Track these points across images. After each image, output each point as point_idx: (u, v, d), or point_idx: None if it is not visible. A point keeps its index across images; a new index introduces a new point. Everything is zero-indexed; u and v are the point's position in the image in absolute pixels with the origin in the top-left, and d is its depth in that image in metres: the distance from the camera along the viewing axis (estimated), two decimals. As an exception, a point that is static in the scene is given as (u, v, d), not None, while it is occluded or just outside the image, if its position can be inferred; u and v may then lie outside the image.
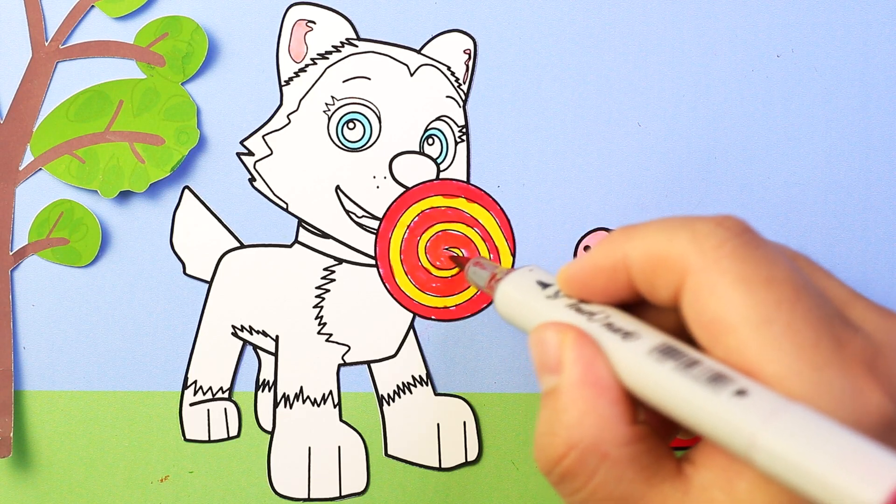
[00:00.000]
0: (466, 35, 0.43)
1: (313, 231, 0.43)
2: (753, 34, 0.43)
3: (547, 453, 0.30)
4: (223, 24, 0.43)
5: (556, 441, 0.29)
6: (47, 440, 0.43)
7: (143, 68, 0.42)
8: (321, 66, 0.43)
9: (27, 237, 0.42)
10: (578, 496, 0.29)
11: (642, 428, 0.29)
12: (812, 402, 0.25)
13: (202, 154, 0.43)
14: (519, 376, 0.43)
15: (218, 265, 0.43)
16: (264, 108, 0.43)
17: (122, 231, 0.43)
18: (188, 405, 0.43)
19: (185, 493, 0.43)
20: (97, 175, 0.42)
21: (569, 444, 0.29)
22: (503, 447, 0.44)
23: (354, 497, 0.43)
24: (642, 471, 0.28)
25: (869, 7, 0.43)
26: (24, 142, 0.42)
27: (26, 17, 0.42)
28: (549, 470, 0.30)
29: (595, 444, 0.29)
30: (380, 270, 0.43)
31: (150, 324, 0.43)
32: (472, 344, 0.43)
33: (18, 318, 0.43)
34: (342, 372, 0.43)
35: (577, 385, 0.29)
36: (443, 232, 0.43)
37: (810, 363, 0.26)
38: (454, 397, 0.43)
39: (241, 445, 0.43)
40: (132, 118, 0.42)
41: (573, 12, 0.43)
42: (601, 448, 0.29)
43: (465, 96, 0.43)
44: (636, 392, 0.28)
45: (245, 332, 0.43)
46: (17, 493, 0.43)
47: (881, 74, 0.43)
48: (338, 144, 0.43)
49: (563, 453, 0.29)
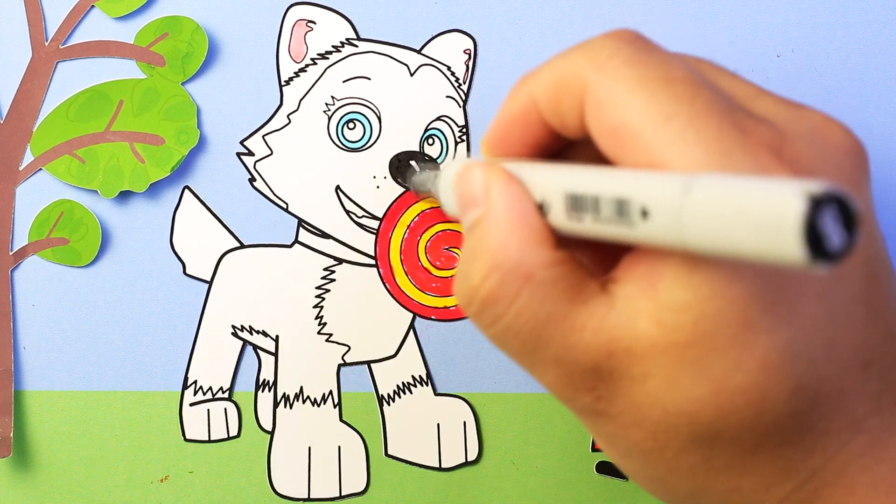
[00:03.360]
0: (466, 35, 0.43)
1: (313, 231, 0.43)
2: (753, 34, 0.43)
3: (468, 280, 0.29)
4: (223, 24, 0.43)
5: (477, 265, 0.29)
6: (47, 440, 0.43)
7: (143, 68, 0.42)
8: (321, 66, 0.43)
9: (27, 237, 0.42)
10: (501, 323, 0.29)
11: (564, 252, 0.29)
12: None
13: (202, 154, 0.43)
14: (519, 376, 0.43)
15: (218, 265, 0.43)
16: (264, 108, 0.43)
17: (122, 231, 0.43)
18: (188, 405, 0.43)
19: (185, 493, 0.43)
20: (97, 175, 0.42)
21: (491, 267, 0.29)
22: (503, 447, 0.44)
23: (354, 497, 0.43)
24: (566, 291, 0.28)
25: (869, 7, 0.43)
26: (24, 142, 0.42)
27: (26, 17, 0.42)
28: (471, 298, 0.29)
29: (518, 265, 0.28)
30: (380, 270, 0.43)
31: (150, 324, 0.43)
32: (472, 344, 0.43)
33: (18, 318, 0.43)
34: (342, 372, 0.43)
35: (502, 211, 0.29)
36: (443, 232, 0.43)
37: (716, 151, 0.26)
38: (454, 397, 0.43)
39: (241, 445, 0.43)
40: (132, 118, 0.42)
41: (573, 12, 0.43)
42: (524, 269, 0.28)
43: (465, 96, 0.43)
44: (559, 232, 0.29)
45: (245, 332, 0.43)
46: (17, 493, 0.43)
47: (881, 74, 0.43)
48: (338, 144, 0.43)
49: (485, 275, 0.29)
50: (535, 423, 0.43)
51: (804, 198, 0.20)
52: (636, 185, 0.25)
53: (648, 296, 0.27)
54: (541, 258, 0.28)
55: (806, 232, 0.20)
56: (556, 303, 0.28)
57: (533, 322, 0.28)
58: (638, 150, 0.27)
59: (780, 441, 0.28)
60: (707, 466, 0.29)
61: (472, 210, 0.30)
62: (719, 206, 0.22)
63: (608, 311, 0.28)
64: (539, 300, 0.28)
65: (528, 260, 0.28)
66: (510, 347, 0.30)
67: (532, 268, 0.28)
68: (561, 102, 0.29)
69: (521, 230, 0.29)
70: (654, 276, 0.27)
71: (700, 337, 0.26)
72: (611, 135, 0.27)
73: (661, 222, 0.24)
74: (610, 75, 0.28)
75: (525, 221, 0.29)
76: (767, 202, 0.21)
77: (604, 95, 0.28)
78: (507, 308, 0.29)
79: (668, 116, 0.26)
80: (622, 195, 0.25)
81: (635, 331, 0.27)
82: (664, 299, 0.27)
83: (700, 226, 0.23)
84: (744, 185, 0.22)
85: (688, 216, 0.23)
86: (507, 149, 0.32)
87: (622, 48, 0.28)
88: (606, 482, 0.44)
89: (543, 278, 0.28)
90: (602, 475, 0.44)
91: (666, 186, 0.24)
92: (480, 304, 0.29)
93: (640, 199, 0.25)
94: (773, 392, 0.27)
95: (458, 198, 0.31)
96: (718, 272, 0.26)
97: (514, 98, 0.31)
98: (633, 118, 0.27)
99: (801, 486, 0.29)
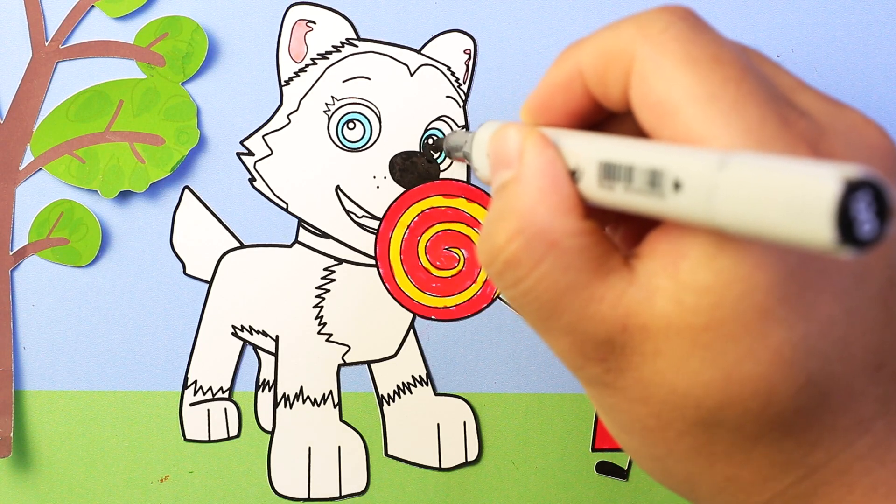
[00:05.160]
0: (466, 35, 0.43)
1: (313, 231, 0.43)
2: (753, 34, 0.43)
3: (493, 239, 0.29)
4: (223, 24, 0.43)
5: (504, 226, 0.29)
6: (47, 440, 0.43)
7: (143, 68, 0.42)
8: (321, 66, 0.43)
9: (27, 237, 0.42)
10: (521, 286, 0.29)
11: (592, 223, 0.29)
12: None
13: (202, 154, 0.43)
14: (519, 376, 0.43)
15: (218, 265, 0.43)
16: (264, 108, 0.43)
17: (122, 231, 0.43)
18: (188, 405, 0.43)
19: (185, 493, 0.43)
20: (97, 175, 0.42)
21: (517, 229, 0.29)
22: (503, 447, 0.44)
23: (354, 497, 0.43)
24: (589, 262, 0.28)
25: (869, 7, 0.43)
26: (24, 142, 0.42)
27: (26, 17, 0.42)
28: (493, 258, 0.29)
29: (545, 230, 0.28)
30: (380, 270, 0.43)
31: (150, 324, 0.43)
32: (472, 344, 0.43)
33: (18, 318, 0.43)
34: (342, 372, 0.43)
35: (535, 174, 0.29)
36: (443, 232, 0.43)
37: (756, 139, 0.26)
38: (454, 397, 0.43)
39: (241, 445, 0.43)
40: (132, 118, 0.42)
41: (573, 12, 0.43)
42: (550, 235, 0.28)
43: (465, 96, 0.43)
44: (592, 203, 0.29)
45: (245, 332, 0.43)
46: (17, 493, 0.43)
47: (881, 74, 0.43)
48: (338, 144, 0.43)
49: (510, 237, 0.29)
50: (535, 423, 0.44)
51: (840, 180, 0.20)
52: (671, 158, 0.25)
53: (669, 274, 0.27)
54: (568, 226, 0.28)
55: (838, 214, 0.20)
56: (578, 272, 0.28)
57: (553, 289, 0.28)
58: (678, 126, 0.27)
59: (782, 434, 0.28)
60: (707, 451, 0.29)
61: (503, 170, 0.30)
62: (753, 184, 0.22)
63: (628, 286, 0.28)
64: (562, 268, 0.28)
65: (555, 226, 0.28)
66: (527, 311, 0.29)
67: (558, 235, 0.28)
68: (607, 72, 0.29)
69: (551, 196, 0.29)
70: (677, 254, 0.27)
71: (717, 321, 0.26)
72: (653, 109, 0.27)
73: (693, 196, 0.24)
74: (659, 49, 0.27)
75: (556, 187, 0.29)
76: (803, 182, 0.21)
77: (650, 69, 0.27)
78: (528, 272, 0.29)
79: (713, 96, 0.26)
80: (656, 166, 0.25)
81: (653, 308, 0.27)
82: (685, 279, 0.26)
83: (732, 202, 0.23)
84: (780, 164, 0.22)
85: (720, 191, 0.23)
86: (547, 116, 0.31)
87: (674, 23, 0.28)
88: (606, 482, 0.44)
89: (569, 246, 0.28)
90: (602, 475, 0.44)
91: (701, 160, 0.24)
92: (503, 264, 0.29)
93: (674, 171, 0.24)
94: (782, 385, 0.27)
95: (492, 157, 0.31)
96: (743, 258, 0.26)
97: (560, 65, 0.30)
98: (677, 94, 0.27)
99: (800, 481, 0.29)
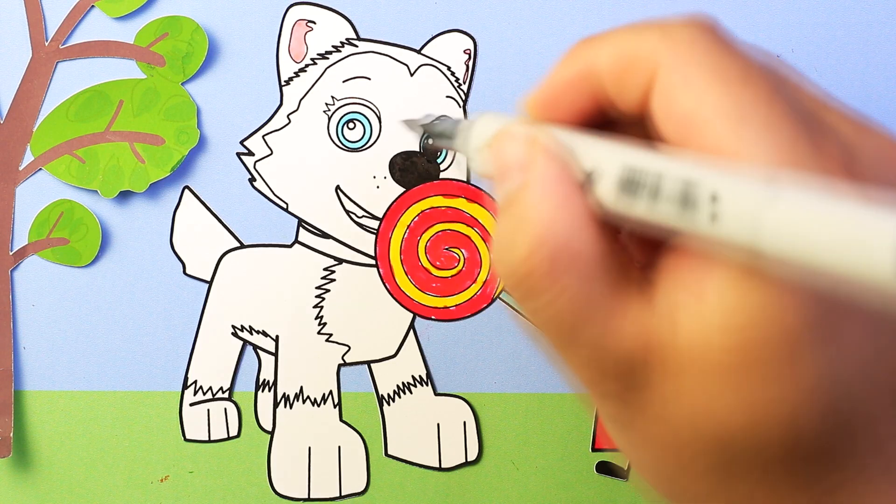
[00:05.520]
0: (466, 35, 0.43)
1: (313, 231, 0.43)
2: (753, 34, 0.43)
3: (512, 251, 0.28)
4: (223, 24, 0.43)
5: (522, 237, 0.27)
6: (47, 440, 0.43)
7: (143, 68, 0.42)
8: (321, 66, 0.43)
9: (27, 237, 0.42)
10: (542, 299, 0.28)
11: (611, 234, 0.28)
12: None
13: (202, 154, 0.43)
14: (519, 376, 0.43)
15: (218, 265, 0.43)
16: (264, 108, 0.43)
17: (122, 231, 0.43)
18: (188, 405, 0.43)
19: (185, 493, 0.43)
20: (97, 175, 0.42)
21: (539, 241, 0.27)
22: (503, 447, 0.44)
23: (354, 497, 0.43)
24: (610, 275, 0.27)
25: (869, 7, 0.43)
26: (24, 142, 0.42)
27: (26, 17, 0.42)
28: (513, 269, 0.28)
29: (567, 242, 0.27)
30: (380, 270, 0.43)
31: (150, 324, 0.43)
32: (472, 344, 0.43)
33: (18, 318, 0.43)
34: (342, 372, 0.43)
35: (549, 183, 0.27)
36: (443, 232, 0.43)
37: (788, 159, 0.25)
38: (454, 397, 0.43)
39: (241, 445, 0.43)
40: (132, 118, 0.42)
41: (573, 12, 0.43)
42: (573, 248, 0.27)
43: (465, 96, 0.43)
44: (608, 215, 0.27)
45: (245, 332, 0.43)
46: (17, 493, 0.43)
47: (881, 74, 0.43)
48: (338, 144, 0.43)
49: (532, 249, 0.27)
50: (535, 423, 0.43)
51: None
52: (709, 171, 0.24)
53: (694, 293, 0.26)
54: (590, 237, 0.27)
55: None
56: (601, 286, 0.27)
57: (575, 302, 0.27)
58: (707, 142, 0.26)
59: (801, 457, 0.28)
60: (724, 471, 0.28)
61: (513, 175, 0.29)
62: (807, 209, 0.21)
63: (650, 303, 0.27)
64: (585, 281, 0.27)
65: (577, 238, 0.27)
66: (547, 325, 0.28)
67: (581, 246, 0.27)
68: (626, 76, 0.28)
69: (570, 206, 0.27)
70: (702, 273, 0.26)
71: (743, 346, 0.26)
72: (679, 122, 0.27)
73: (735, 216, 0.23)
74: (687, 61, 0.27)
75: (575, 197, 0.27)
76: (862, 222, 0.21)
77: (678, 81, 0.27)
78: (551, 285, 0.28)
79: (745, 116, 0.26)
80: (691, 177, 0.24)
81: (676, 327, 0.26)
82: (712, 301, 0.26)
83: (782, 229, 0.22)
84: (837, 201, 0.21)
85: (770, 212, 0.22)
86: (553, 113, 0.30)
87: (702, 36, 0.27)
88: (606, 482, 0.44)
89: (591, 258, 0.27)
90: (602, 475, 0.44)
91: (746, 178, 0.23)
92: (524, 276, 0.28)
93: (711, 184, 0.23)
94: (806, 412, 0.26)
95: (496, 161, 0.30)
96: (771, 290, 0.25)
97: (572, 62, 0.29)
98: (708, 110, 0.26)
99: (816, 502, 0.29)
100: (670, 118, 0.27)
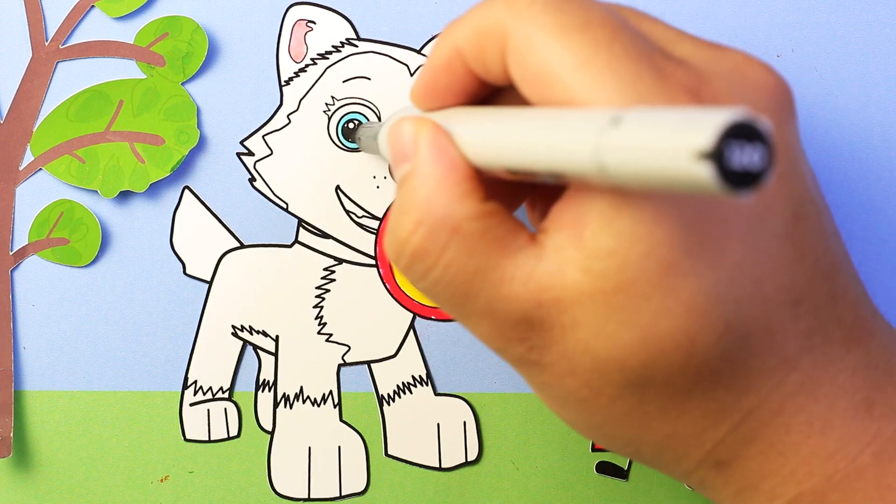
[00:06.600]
0: (466, 35, 0.43)
1: (313, 231, 0.43)
2: (753, 34, 0.43)
3: (396, 234, 0.30)
4: (223, 24, 0.43)
5: (405, 219, 0.29)
6: (47, 440, 0.43)
7: (143, 68, 0.42)
8: (321, 66, 0.43)
9: (27, 237, 0.43)
10: (430, 276, 0.29)
11: (493, 204, 0.29)
12: None
13: (202, 154, 0.43)
14: (519, 376, 0.43)
15: (218, 265, 0.43)
16: (264, 108, 0.43)
17: (122, 231, 0.43)
18: (188, 405, 0.43)
19: (185, 493, 0.43)
20: (97, 175, 0.42)
21: (418, 221, 0.29)
22: (503, 447, 0.44)
23: (354, 497, 0.43)
24: (494, 243, 0.29)
25: (869, 7, 0.43)
26: (24, 142, 0.42)
27: (26, 17, 0.42)
28: (399, 252, 0.30)
29: (444, 218, 0.29)
30: (380, 270, 0.43)
31: (150, 324, 0.43)
32: (472, 344, 0.43)
33: (18, 318, 0.43)
34: (342, 372, 0.43)
35: (429, 164, 0.29)
36: (443, 232, 0.43)
37: (634, 95, 0.26)
38: (454, 397, 0.43)
39: (241, 445, 0.43)
40: (132, 118, 0.42)
41: (573, 12, 0.43)
42: (451, 222, 0.29)
43: (465, 96, 0.43)
44: (484, 163, 0.29)
45: (245, 332, 0.43)
46: (17, 493, 0.43)
47: (881, 74, 0.43)
48: (338, 144, 0.43)
49: (412, 230, 0.29)
50: (535, 423, 0.44)
51: (713, 124, 0.21)
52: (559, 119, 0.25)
53: (574, 244, 0.27)
54: (468, 210, 0.29)
55: (717, 156, 0.20)
56: (484, 255, 0.29)
57: (462, 274, 0.29)
58: (558, 95, 0.27)
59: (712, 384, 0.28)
60: (641, 412, 0.29)
61: (402, 164, 0.31)
62: (636, 136, 0.22)
63: (537, 262, 0.28)
64: (467, 252, 0.29)
65: (454, 213, 0.29)
66: (442, 300, 0.30)
67: (459, 220, 0.29)
68: (484, 50, 0.29)
69: (447, 183, 0.29)
70: (579, 223, 0.27)
71: (625, 283, 0.27)
72: (532, 81, 0.28)
73: (583, 154, 0.24)
74: (528, 22, 0.28)
75: (452, 174, 0.29)
76: (680, 130, 0.21)
77: (523, 43, 0.28)
78: (435, 261, 0.29)
79: (587, 61, 0.27)
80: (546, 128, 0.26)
81: (563, 279, 0.27)
82: (589, 246, 0.27)
83: (620, 156, 0.23)
84: (658, 114, 0.22)
85: (609, 147, 0.23)
86: (436, 98, 0.32)
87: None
88: (606, 482, 0.44)
89: (471, 230, 0.29)
90: (602, 475, 0.44)
91: (591, 119, 0.24)
92: (409, 257, 0.30)
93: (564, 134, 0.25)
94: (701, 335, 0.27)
95: (391, 152, 0.32)
96: (641, 217, 0.26)
97: (440, 48, 0.31)
98: (552, 64, 0.27)
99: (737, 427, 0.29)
100: (525, 80, 0.28)
